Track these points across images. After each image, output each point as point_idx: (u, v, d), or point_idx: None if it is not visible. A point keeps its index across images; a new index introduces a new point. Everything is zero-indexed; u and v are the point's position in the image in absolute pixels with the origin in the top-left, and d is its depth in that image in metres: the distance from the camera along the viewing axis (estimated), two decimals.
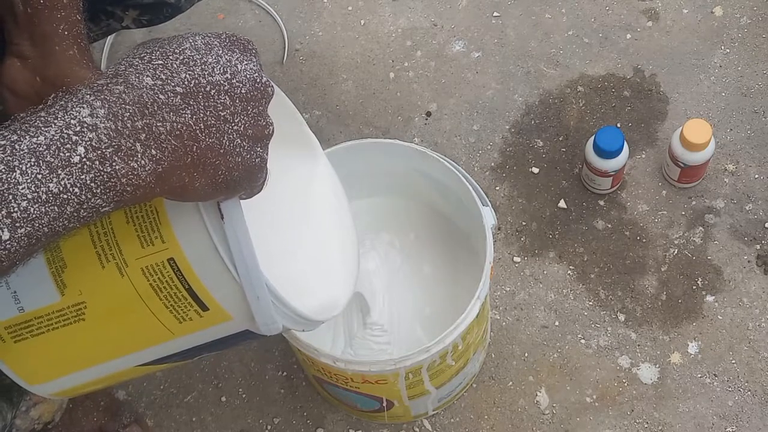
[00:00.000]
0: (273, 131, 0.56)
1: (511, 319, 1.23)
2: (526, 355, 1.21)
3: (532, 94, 1.39)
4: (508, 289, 1.25)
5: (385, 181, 1.12)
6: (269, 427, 1.19)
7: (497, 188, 1.32)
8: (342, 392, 1.06)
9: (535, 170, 1.32)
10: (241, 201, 0.59)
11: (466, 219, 1.09)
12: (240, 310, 0.64)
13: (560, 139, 1.35)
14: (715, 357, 1.19)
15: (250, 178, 0.55)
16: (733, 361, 1.18)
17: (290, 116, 0.79)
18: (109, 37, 1.42)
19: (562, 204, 1.30)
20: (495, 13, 1.46)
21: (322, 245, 0.79)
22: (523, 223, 1.29)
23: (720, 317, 1.21)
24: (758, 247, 1.25)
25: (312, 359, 0.97)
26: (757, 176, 1.30)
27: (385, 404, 1.08)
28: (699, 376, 1.18)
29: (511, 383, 1.19)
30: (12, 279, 0.61)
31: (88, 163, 0.48)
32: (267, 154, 0.56)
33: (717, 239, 1.26)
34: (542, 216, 1.29)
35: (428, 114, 1.39)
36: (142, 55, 0.52)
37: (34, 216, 0.47)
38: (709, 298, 1.22)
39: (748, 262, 1.24)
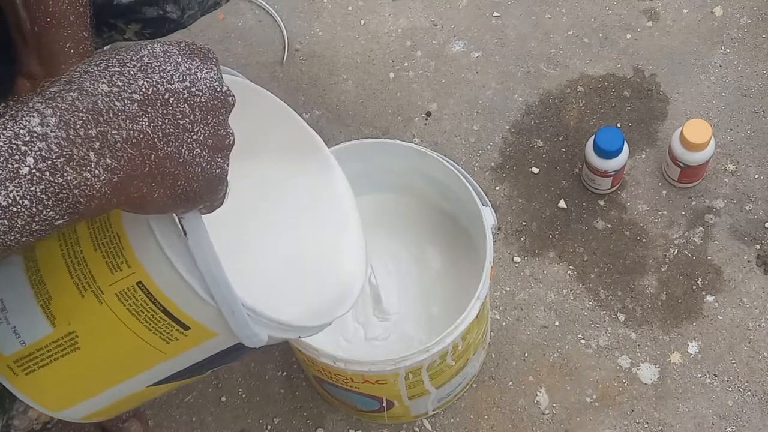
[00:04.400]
0: (234, 141, 0.54)
1: (511, 319, 1.23)
2: (526, 355, 1.21)
3: (532, 94, 1.39)
4: (508, 289, 1.25)
5: (385, 180, 1.12)
6: (269, 427, 1.19)
7: (497, 188, 1.32)
8: (342, 392, 1.06)
9: (535, 170, 1.33)
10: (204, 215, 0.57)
11: (467, 219, 1.09)
12: (222, 326, 0.62)
13: (560, 139, 1.35)
14: (715, 357, 1.19)
15: (210, 190, 0.54)
16: (733, 361, 1.18)
17: (288, 119, 0.78)
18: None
19: (562, 204, 1.30)
20: (495, 13, 1.46)
21: (311, 251, 0.78)
22: (523, 223, 1.29)
23: (720, 317, 1.21)
24: (758, 247, 1.25)
25: (312, 359, 0.97)
26: (757, 176, 1.30)
27: (385, 404, 1.08)
28: (699, 376, 1.18)
29: (511, 383, 1.19)
30: (10, 314, 0.62)
31: (38, 174, 0.46)
32: (228, 165, 0.54)
33: (717, 239, 1.26)
34: (542, 216, 1.30)
35: (428, 114, 1.39)
36: (98, 63, 0.50)
37: None
38: (709, 298, 1.22)
39: (748, 262, 1.24)
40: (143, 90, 0.49)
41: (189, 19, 1.02)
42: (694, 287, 1.23)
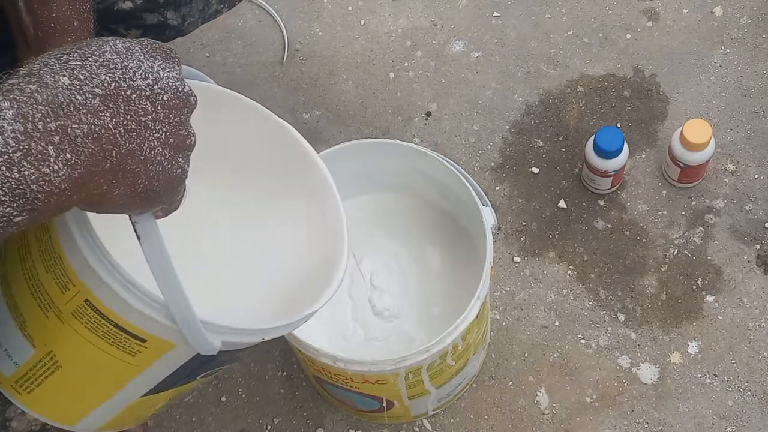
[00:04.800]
0: (195, 142, 0.53)
1: (511, 319, 1.23)
2: (526, 355, 1.21)
3: (532, 94, 1.39)
4: (508, 289, 1.25)
5: (385, 180, 1.12)
6: (269, 427, 1.19)
7: (497, 188, 1.32)
8: (342, 392, 1.06)
9: (535, 170, 1.33)
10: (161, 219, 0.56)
11: (467, 219, 1.09)
12: (176, 337, 0.62)
13: (560, 139, 1.35)
14: (715, 357, 1.19)
15: (169, 190, 0.53)
16: (733, 361, 1.18)
17: (260, 117, 0.77)
18: None
19: (562, 204, 1.30)
20: (495, 13, 1.46)
21: (277, 248, 0.77)
22: (523, 223, 1.29)
23: (720, 317, 1.21)
24: (758, 247, 1.25)
25: (312, 359, 0.97)
26: (757, 176, 1.30)
27: (385, 404, 1.08)
28: (699, 376, 1.18)
29: (511, 383, 1.19)
30: (2, 339, 0.63)
31: None
32: (188, 166, 0.53)
33: (717, 239, 1.26)
34: (542, 216, 1.30)
35: (428, 114, 1.39)
36: (58, 56, 0.48)
37: None
38: (709, 298, 1.22)
39: (748, 262, 1.24)
40: (105, 85, 0.48)
41: (190, 27, 1.02)
42: (694, 287, 1.23)
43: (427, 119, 1.38)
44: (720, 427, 1.15)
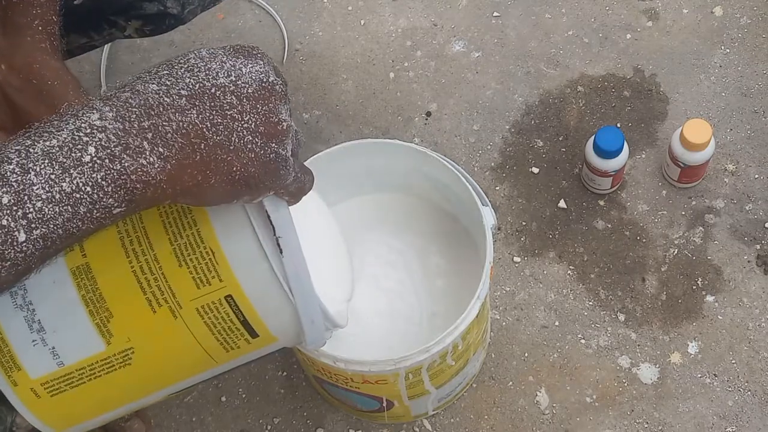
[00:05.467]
0: (288, 127, 0.57)
1: (511, 319, 1.23)
2: (526, 355, 1.21)
3: (532, 94, 1.39)
4: (508, 289, 1.25)
5: (386, 180, 1.12)
6: (269, 427, 1.19)
7: (497, 188, 1.32)
8: (342, 392, 1.06)
9: (535, 170, 1.33)
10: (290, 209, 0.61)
11: (467, 219, 1.09)
12: (287, 333, 0.66)
13: (560, 139, 1.35)
14: (715, 357, 1.19)
15: (270, 174, 0.56)
16: (733, 361, 1.18)
17: None
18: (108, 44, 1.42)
19: (562, 204, 1.30)
20: (495, 13, 1.46)
21: (323, 254, 0.79)
22: (523, 223, 1.29)
23: (720, 317, 1.21)
24: (758, 247, 1.25)
25: (312, 359, 0.97)
26: (757, 176, 1.30)
27: (385, 404, 1.08)
28: (699, 376, 1.18)
29: (511, 383, 1.19)
30: (49, 335, 0.62)
31: (98, 161, 0.50)
32: (285, 151, 0.57)
33: (717, 239, 1.26)
34: (542, 216, 1.30)
35: (428, 114, 1.39)
36: (148, 70, 0.55)
37: (48, 216, 0.49)
38: (709, 298, 1.22)
39: (748, 262, 1.24)
40: (190, 87, 0.53)
41: (189, 15, 1.02)
42: (694, 287, 1.23)
43: (427, 119, 1.38)
44: (720, 427, 1.15)
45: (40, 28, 0.74)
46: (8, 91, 0.72)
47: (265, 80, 0.56)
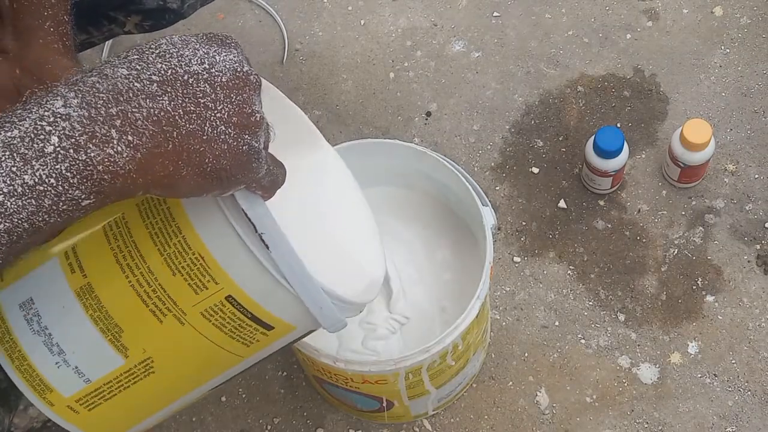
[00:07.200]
0: (261, 119, 0.55)
1: (511, 319, 1.23)
2: (526, 355, 1.21)
3: (532, 94, 1.39)
4: (508, 289, 1.25)
5: (386, 180, 1.11)
6: (269, 427, 1.19)
7: (497, 188, 1.32)
8: (342, 392, 1.06)
9: (535, 170, 1.33)
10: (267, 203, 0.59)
11: (467, 219, 1.09)
12: (303, 319, 0.65)
13: (560, 139, 1.35)
14: (715, 357, 1.19)
15: (242, 167, 0.54)
16: (733, 361, 1.18)
17: (291, 114, 0.78)
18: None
19: (562, 204, 1.30)
20: (495, 13, 1.46)
21: (347, 228, 0.79)
22: (523, 223, 1.29)
23: (720, 317, 1.21)
24: (758, 247, 1.25)
25: (312, 359, 0.97)
26: (757, 176, 1.30)
27: (385, 404, 1.08)
28: (699, 376, 1.18)
29: (511, 383, 1.19)
30: (69, 356, 0.62)
31: (62, 152, 0.47)
32: (257, 143, 0.55)
33: (717, 239, 1.26)
34: (542, 216, 1.30)
35: (428, 114, 1.39)
36: (118, 55, 0.52)
37: (11, 210, 0.47)
38: (709, 298, 1.22)
39: (748, 262, 1.24)
40: (162, 72, 0.51)
41: (189, 9, 1.02)
42: (694, 287, 1.23)
43: (427, 119, 1.38)
44: (720, 427, 1.15)
45: (51, 29, 0.74)
46: (23, 93, 0.72)
47: (239, 70, 0.54)
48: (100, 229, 0.62)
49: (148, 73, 0.51)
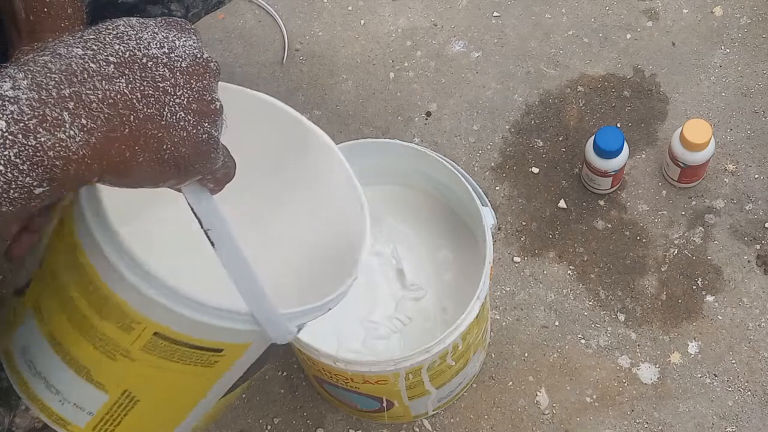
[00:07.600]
0: (221, 107, 0.53)
1: (511, 319, 1.23)
2: (526, 355, 1.21)
3: (532, 94, 1.39)
4: (508, 289, 1.25)
5: (386, 180, 1.11)
6: (269, 427, 1.19)
7: (497, 188, 1.32)
8: (342, 392, 1.06)
9: (535, 170, 1.33)
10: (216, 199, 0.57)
11: (467, 219, 1.09)
12: (253, 336, 0.63)
13: (560, 139, 1.35)
14: (715, 357, 1.19)
15: (200, 156, 0.52)
16: (733, 361, 1.18)
17: (272, 109, 0.78)
18: None
19: (562, 204, 1.30)
20: (495, 13, 1.46)
21: (310, 227, 0.78)
22: (523, 223, 1.29)
23: (720, 317, 1.21)
24: (758, 247, 1.25)
25: (312, 359, 0.97)
26: (757, 176, 1.30)
27: (385, 404, 1.08)
28: (699, 376, 1.18)
29: (511, 383, 1.19)
30: (66, 395, 0.63)
31: (10, 137, 0.44)
32: (217, 132, 0.53)
33: (717, 239, 1.26)
34: (542, 216, 1.30)
35: (428, 114, 1.39)
36: (72, 34, 0.50)
37: None
38: (709, 298, 1.22)
39: (748, 262, 1.24)
40: (119, 53, 0.49)
41: (193, 18, 1.02)
42: (694, 287, 1.23)
43: (427, 119, 1.38)
44: (720, 427, 1.15)
45: None
46: None
47: (199, 56, 0.52)
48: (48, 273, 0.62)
49: (105, 54, 0.48)
